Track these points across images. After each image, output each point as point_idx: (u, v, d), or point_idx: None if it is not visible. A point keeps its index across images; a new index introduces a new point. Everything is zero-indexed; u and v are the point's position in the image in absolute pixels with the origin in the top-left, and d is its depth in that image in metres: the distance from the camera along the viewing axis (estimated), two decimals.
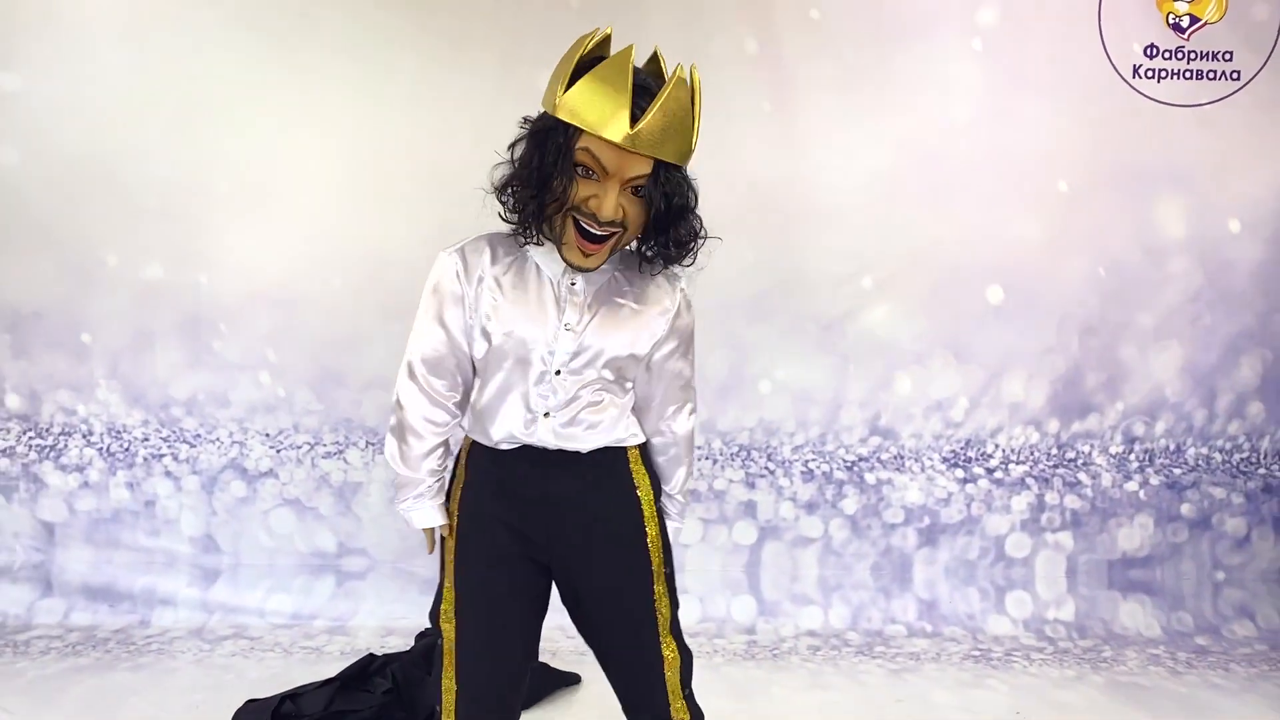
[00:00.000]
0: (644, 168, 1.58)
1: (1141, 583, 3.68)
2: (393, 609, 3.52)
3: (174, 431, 3.54)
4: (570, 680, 2.95)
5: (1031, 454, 3.65)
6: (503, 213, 1.69)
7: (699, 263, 1.73)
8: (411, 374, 1.79)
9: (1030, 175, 3.50)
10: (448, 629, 1.80)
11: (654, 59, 1.68)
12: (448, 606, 1.80)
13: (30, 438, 3.52)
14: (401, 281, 3.26)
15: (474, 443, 1.81)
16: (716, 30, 3.42)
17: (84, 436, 3.52)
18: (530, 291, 1.71)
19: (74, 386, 3.50)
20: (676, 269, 1.75)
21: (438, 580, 1.87)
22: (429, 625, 3.11)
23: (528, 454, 1.74)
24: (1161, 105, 3.48)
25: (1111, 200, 3.52)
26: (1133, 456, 3.67)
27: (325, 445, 3.55)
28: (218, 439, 3.54)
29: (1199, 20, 3.45)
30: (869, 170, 3.47)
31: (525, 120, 1.68)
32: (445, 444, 1.82)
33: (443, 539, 1.86)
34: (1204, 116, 3.48)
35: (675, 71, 1.58)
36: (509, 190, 1.67)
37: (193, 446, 3.54)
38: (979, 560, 3.66)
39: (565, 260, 1.66)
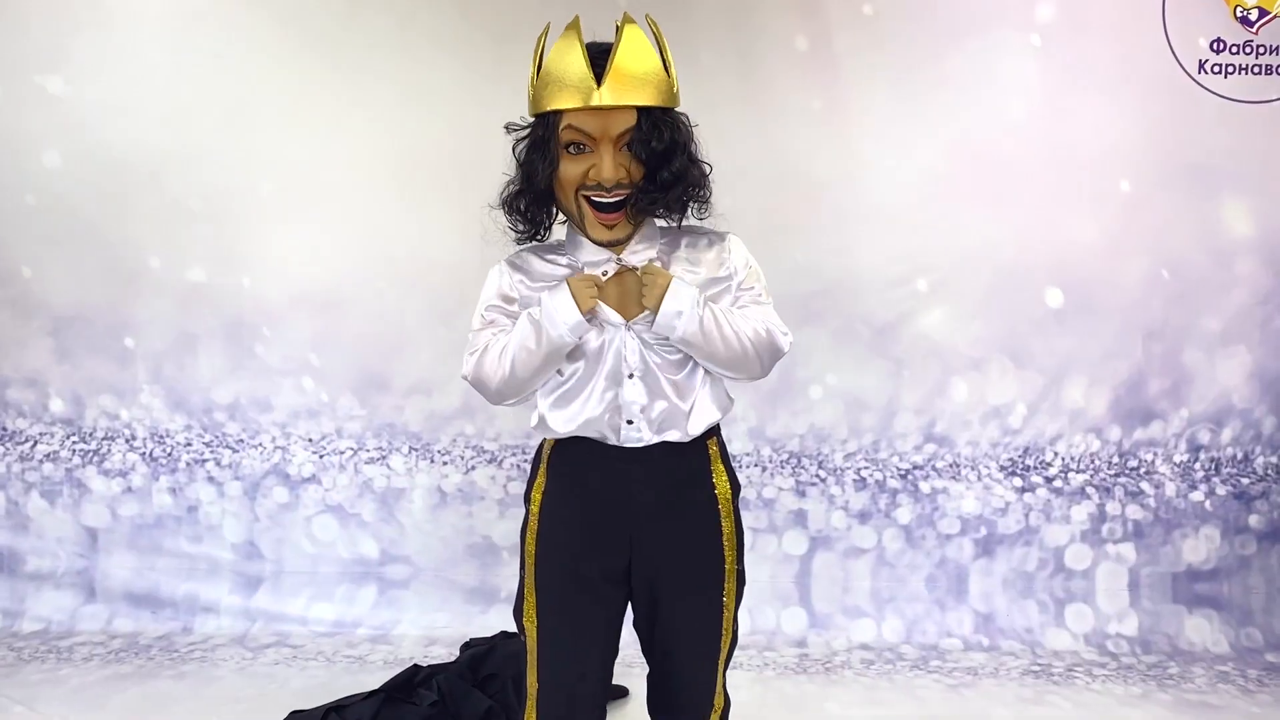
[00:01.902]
0: (628, 120, 1.62)
1: (1208, 597, 3.53)
2: (435, 618, 3.47)
3: (216, 436, 3.51)
4: (619, 694, 2.87)
5: (1092, 462, 3.53)
6: (511, 225, 1.75)
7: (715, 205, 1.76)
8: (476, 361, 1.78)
9: (1091, 174, 3.39)
10: (530, 628, 1.81)
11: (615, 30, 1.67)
12: (529, 608, 1.81)
13: (74, 442, 3.51)
14: (446, 284, 3.38)
15: (553, 444, 1.81)
16: (765, 26, 3.35)
17: (127, 441, 3.51)
18: None
19: (117, 391, 3.48)
20: (714, 227, 1.79)
21: (518, 579, 1.86)
22: (471, 637, 3.05)
23: (604, 451, 1.74)
24: (1228, 101, 3.35)
25: (1175, 200, 3.39)
26: (1198, 465, 3.53)
27: (368, 451, 3.51)
28: (260, 444, 3.51)
29: (1268, 13, 3.32)
30: (923, 169, 3.38)
31: (508, 129, 1.75)
32: None
33: (523, 539, 1.84)
34: (1273, 113, 3.35)
35: (622, 20, 1.63)
36: (515, 203, 1.73)
37: (235, 452, 3.52)
38: (1037, 572, 3.55)
39: (593, 240, 1.70)
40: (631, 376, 1.72)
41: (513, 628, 3.08)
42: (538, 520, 1.81)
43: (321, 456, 3.51)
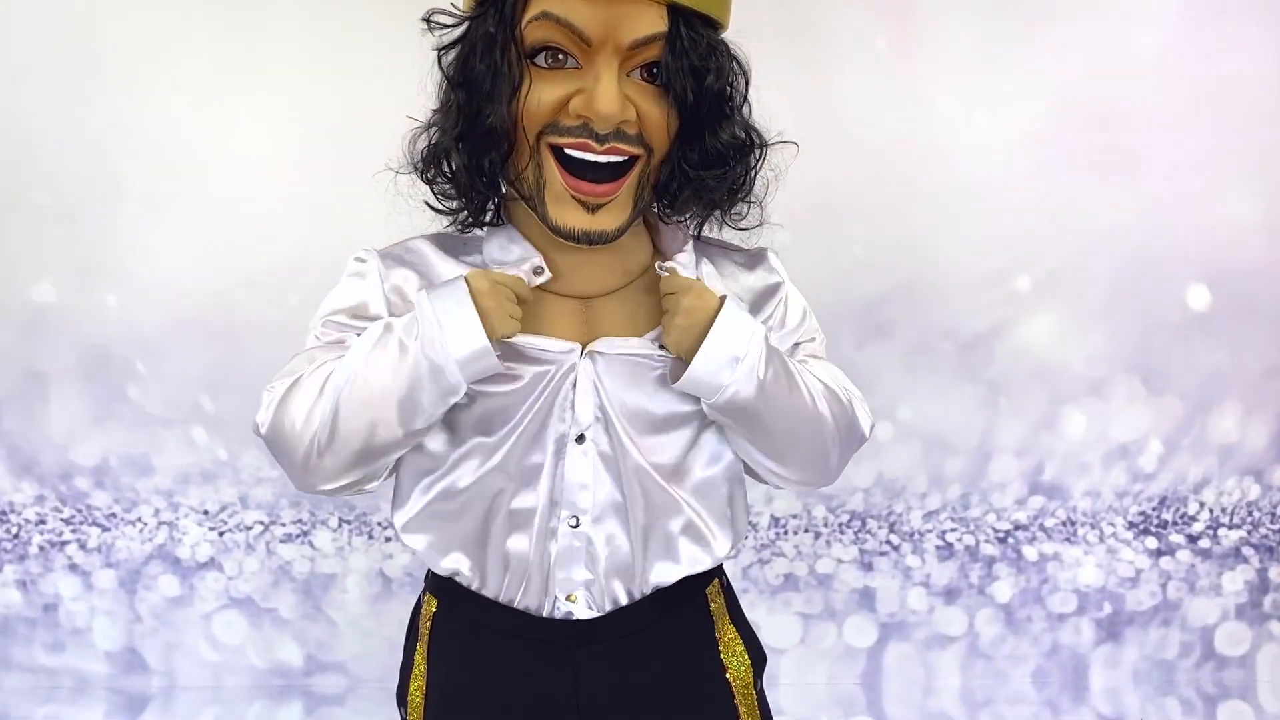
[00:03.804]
0: (653, 21, 1.02)
1: None
2: None
3: (79, 510, 2.83)
4: None
5: (1250, 515, 2.92)
6: (431, 199, 1.16)
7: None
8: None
9: (1247, 131, 2.78)
10: None
11: None
12: None
13: None
14: None
15: (439, 609, 1.18)
16: None
17: None
18: None
19: None
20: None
21: None
22: None
23: (527, 624, 1.12)
24: None
25: None
26: None
27: (284, 525, 2.84)
28: (139, 519, 2.83)
29: None
30: (1022, 129, 2.77)
31: (429, 23, 1.11)
32: None
33: None
34: None
35: None
36: (438, 159, 1.13)
37: (105, 530, 2.83)
38: (1180, 661, 2.93)
39: (555, 228, 1.07)
40: (585, 456, 1.11)
41: None
42: None
43: (221, 534, 2.84)
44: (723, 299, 1.08)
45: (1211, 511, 2.91)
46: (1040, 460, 2.88)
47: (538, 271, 1.09)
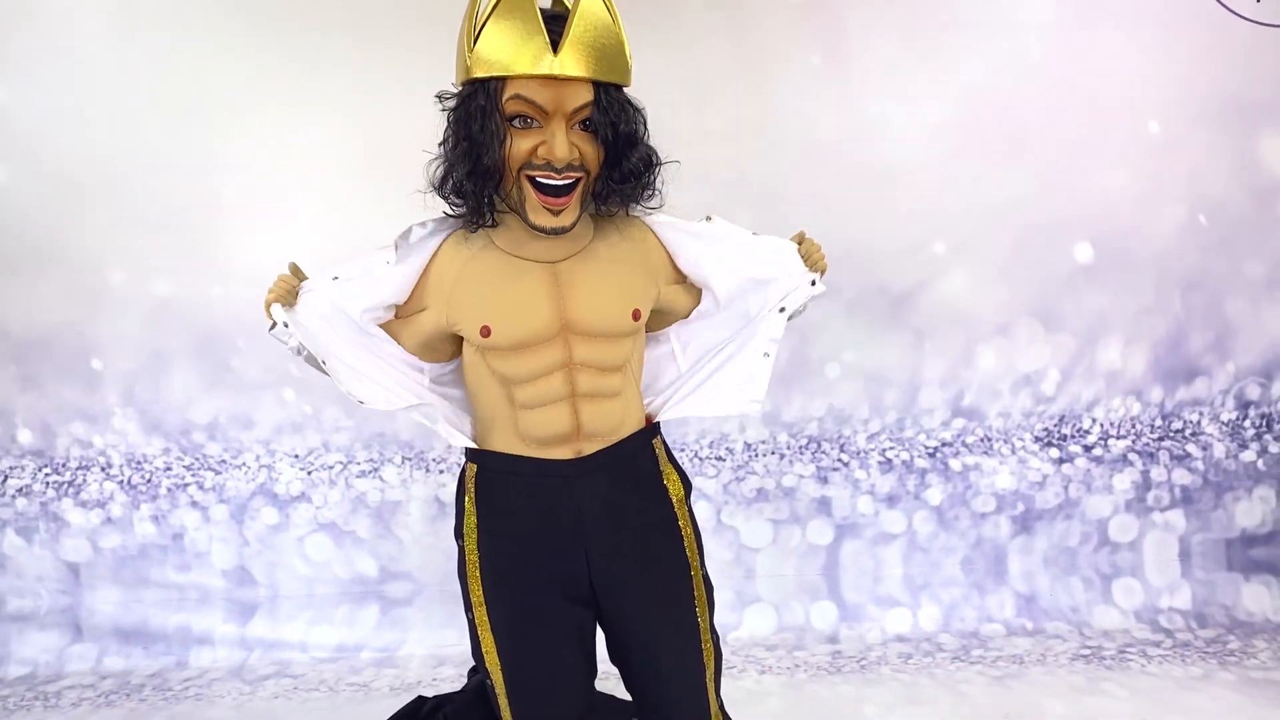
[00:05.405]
0: (585, 94, 1.49)
1: (1265, 562, 3.32)
2: (443, 636, 3.27)
3: (197, 459, 3.29)
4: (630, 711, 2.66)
5: (1133, 427, 3.31)
6: (449, 209, 1.62)
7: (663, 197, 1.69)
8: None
9: (1116, 117, 3.15)
10: (494, 671, 1.70)
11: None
12: (488, 649, 1.70)
13: (47, 474, 3.29)
14: None
15: (479, 469, 1.70)
16: None
17: (103, 469, 3.28)
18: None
19: (88, 417, 3.25)
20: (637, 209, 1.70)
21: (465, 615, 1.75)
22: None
23: (538, 468, 1.65)
24: (1262, 26, 3.10)
25: (1209, 138, 3.16)
26: (1248, 423, 3.31)
27: (359, 464, 3.29)
28: (244, 464, 3.29)
29: None
30: (935, 123, 3.14)
31: (440, 98, 1.59)
32: None
33: (464, 581, 1.72)
34: None
35: None
36: (450, 181, 1.57)
37: (218, 473, 3.29)
38: (1081, 547, 3.34)
39: (534, 227, 1.54)
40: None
41: None
42: (477, 558, 1.69)
43: (310, 473, 3.29)
44: None
45: (1102, 426, 3.28)
46: (960, 389, 3.26)
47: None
